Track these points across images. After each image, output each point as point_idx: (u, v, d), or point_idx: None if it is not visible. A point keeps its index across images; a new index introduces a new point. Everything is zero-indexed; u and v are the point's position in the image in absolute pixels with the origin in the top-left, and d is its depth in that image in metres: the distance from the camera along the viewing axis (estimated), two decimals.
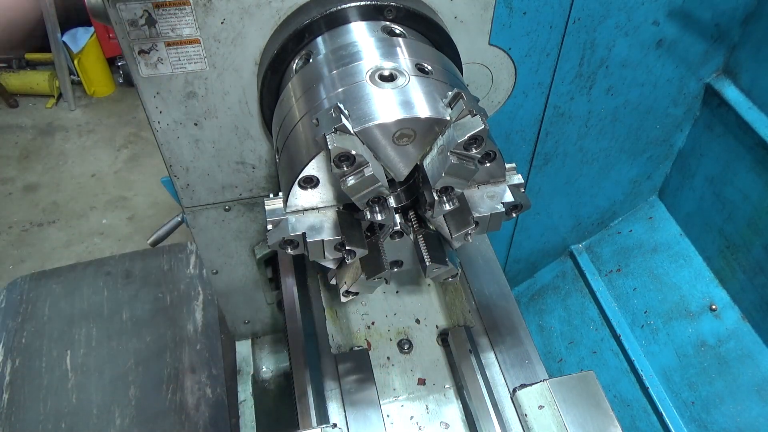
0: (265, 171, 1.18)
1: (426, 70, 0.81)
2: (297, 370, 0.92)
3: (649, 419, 1.52)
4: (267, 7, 0.94)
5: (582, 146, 1.47)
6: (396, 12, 0.95)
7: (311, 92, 0.83)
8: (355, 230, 0.79)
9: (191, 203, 1.20)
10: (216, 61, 0.99)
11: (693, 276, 1.58)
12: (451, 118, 0.72)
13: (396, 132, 0.72)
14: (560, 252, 1.87)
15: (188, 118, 1.05)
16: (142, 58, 0.96)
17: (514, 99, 1.25)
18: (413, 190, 0.85)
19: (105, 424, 1.24)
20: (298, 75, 0.90)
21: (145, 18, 0.91)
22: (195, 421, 1.25)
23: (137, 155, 3.63)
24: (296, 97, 0.87)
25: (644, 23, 1.21)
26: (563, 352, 1.75)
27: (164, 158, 1.11)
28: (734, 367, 1.43)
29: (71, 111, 3.93)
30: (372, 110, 0.72)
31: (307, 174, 0.75)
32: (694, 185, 1.58)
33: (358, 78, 0.78)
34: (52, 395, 1.28)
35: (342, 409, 0.86)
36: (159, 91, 1.01)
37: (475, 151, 0.71)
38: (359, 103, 0.74)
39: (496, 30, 1.08)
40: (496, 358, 0.92)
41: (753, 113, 1.35)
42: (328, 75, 0.83)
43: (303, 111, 0.83)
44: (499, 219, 0.81)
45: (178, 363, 1.33)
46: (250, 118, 1.08)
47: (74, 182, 3.46)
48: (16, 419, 1.24)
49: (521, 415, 0.83)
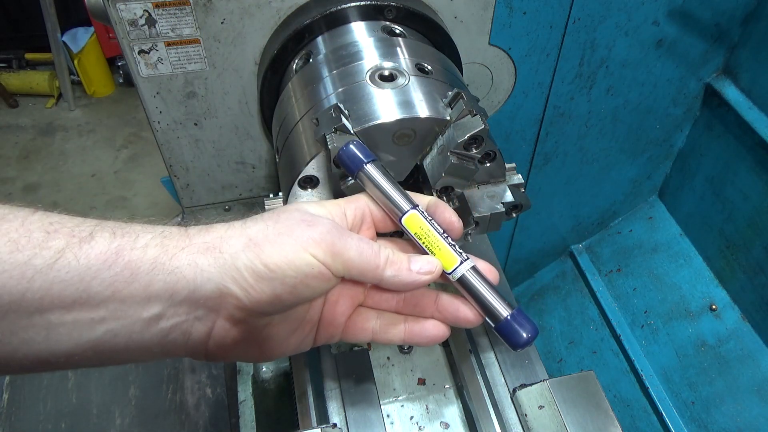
0: (265, 171, 1.18)
1: (426, 70, 0.81)
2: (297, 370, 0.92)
3: (649, 419, 1.52)
4: (267, 7, 0.94)
5: (582, 146, 1.47)
6: (396, 12, 0.95)
7: (311, 92, 0.83)
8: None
9: (191, 203, 1.20)
10: (216, 61, 0.99)
11: (693, 276, 1.58)
12: (451, 118, 0.72)
13: (396, 132, 0.72)
14: (560, 252, 1.87)
15: (188, 118, 1.05)
16: (142, 58, 0.96)
17: (514, 99, 1.25)
18: (413, 190, 0.85)
19: (105, 423, 1.24)
20: (298, 75, 0.90)
21: (145, 18, 0.91)
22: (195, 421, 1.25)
23: (137, 155, 3.63)
24: (296, 97, 0.87)
25: (644, 23, 1.21)
26: (563, 352, 1.75)
27: (164, 158, 1.11)
28: (734, 367, 1.42)
29: (71, 111, 3.93)
30: (372, 110, 0.72)
31: (307, 174, 0.75)
32: (694, 185, 1.58)
33: (358, 78, 0.78)
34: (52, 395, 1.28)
35: (342, 409, 0.86)
36: (159, 91, 1.01)
37: (475, 151, 0.71)
38: (359, 103, 0.74)
39: (496, 30, 1.08)
40: (496, 358, 0.92)
41: (753, 113, 1.35)
42: (328, 75, 0.83)
43: (303, 111, 0.83)
44: (499, 219, 0.81)
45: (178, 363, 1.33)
46: (250, 118, 1.08)
47: (74, 182, 3.46)
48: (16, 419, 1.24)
49: (521, 415, 0.83)
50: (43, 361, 0.49)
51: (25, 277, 0.45)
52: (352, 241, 0.57)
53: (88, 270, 0.48)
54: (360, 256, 0.56)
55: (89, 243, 0.49)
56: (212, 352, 0.56)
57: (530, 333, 0.59)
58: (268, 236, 0.54)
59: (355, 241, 0.57)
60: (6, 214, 0.48)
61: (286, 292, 0.54)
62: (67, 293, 0.47)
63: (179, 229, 0.54)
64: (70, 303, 0.47)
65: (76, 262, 0.47)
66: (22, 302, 0.46)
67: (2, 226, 0.47)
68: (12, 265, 0.45)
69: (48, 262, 0.46)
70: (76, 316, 0.48)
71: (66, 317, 0.48)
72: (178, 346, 0.54)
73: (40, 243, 0.47)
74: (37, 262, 0.46)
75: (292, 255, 0.53)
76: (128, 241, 0.51)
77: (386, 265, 0.58)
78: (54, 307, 0.47)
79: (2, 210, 0.48)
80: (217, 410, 1.27)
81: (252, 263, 0.52)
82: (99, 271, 0.48)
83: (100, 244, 0.49)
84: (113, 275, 0.49)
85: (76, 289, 0.47)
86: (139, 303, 0.50)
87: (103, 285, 0.48)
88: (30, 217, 0.48)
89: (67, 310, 0.48)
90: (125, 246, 0.50)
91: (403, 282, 0.59)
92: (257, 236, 0.54)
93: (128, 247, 0.50)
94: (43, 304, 0.47)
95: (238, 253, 0.53)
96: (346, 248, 0.56)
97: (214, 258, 0.52)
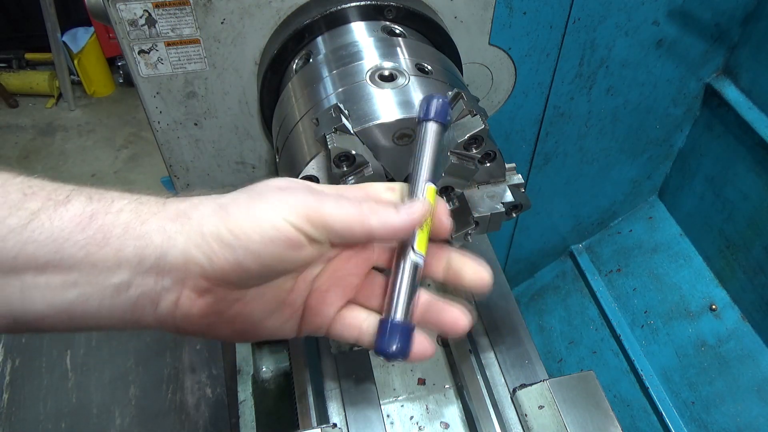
0: (265, 171, 1.18)
1: (426, 70, 0.81)
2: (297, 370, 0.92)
3: (649, 419, 1.52)
4: (267, 7, 0.94)
5: (582, 146, 1.47)
6: (396, 12, 0.95)
7: (311, 92, 0.83)
8: None
9: None
10: (216, 61, 0.99)
11: (693, 276, 1.58)
12: (451, 118, 0.72)
13: (396, 132, 0.72)
14: (560, 252, 1.87)
15: (188, 118, 1.05)
16: (142, 58, 0.96)
17: (514, 99, 1.25)
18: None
19: (105, 423, 1.23)
20: (298, 75, 0.90)
21: (145, 18, 0.91)
22: (195, 421, 1.24)
23: (137, 155, 3.63)
24: (296, 97, 0.87)
25: (644, 23, 1.21)
26: (563, 352, 1.75)
27: (164, 158, 1.11)
28: (734, 367, 1.42)
29: (71, 111, 3.93)
30: (372, 110, 0.72)
31: (307, 174, 0.75)
32: (694, 185, 1.58)
33: (358, 78, 0.78)
34: (52, 395, 1.27)
35: (342, 409, 0.86)
36: (159, 91, 1.01)
37: (475, 151, 0.71)
38: (359, 103, 0.74)
39: (496, 30, 1.08)
40: (496, 358, 0.92)
41: (753, 113, 1.35)
42: (328, 75, 0.83)
43: (303, 111, 0.83)
44: (499, 219, 0.81)
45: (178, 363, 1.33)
46: (250, 118, 1.08)
47: (74, 182, 3.43)
48: (16, 419, 1.24)
49: (521, 415, 0.83)
50: (19, 321, 0.50)
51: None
52: (330, 198, 0.54)
53: (62, 232, 0.48)
54: (340, 209, 0.54)
55: (65, 206, 0.49)
56: (180, 324, 0.55)
57: (393, 350, 0.58)
58: (238, 202, 0.53)
59: (333, 199, 0.55)
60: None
61: (251, 260, 0.52)
62: (40, 254, 0.47)
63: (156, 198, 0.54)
64: (43, 264, 0.48)
65: (50, 223, 0.48)
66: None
67: None
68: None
69: (22, 222, 0.47)
70: (49, 278, 0.48)
71: (39, 279, 0.48)
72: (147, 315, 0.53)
73: (16, 204, 0.47)
74: (11, 221, 0.47)
75: (260, 218, 0.51)
76: (103, 206, 0.51)
77: (371, 214, 0.55)
78: (28, 268, 0.48)
79: None
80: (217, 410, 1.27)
81: (217, 228, 0.51)
82: (72, 234, 0.48)
83: (75, 207, 0.50)
84: (86, 238, 0.49)
85: (49, 250, 0.48)
86: (110, 268, 0.50)
87: (75, 247, 0.48)
88: (11, 180, 0.49)
89: (41, 271, 0.48)
90: (100, 210, 0.50)
91: (393, 226, 0.55)
92: (227, 202, 0.53)
93: (102, 212, 0.50)
94: (17, 264, 0.47)
95: (205, 219, 0.52)
96: (323, 207, 0.53)
97: (181, 224, 0.51)
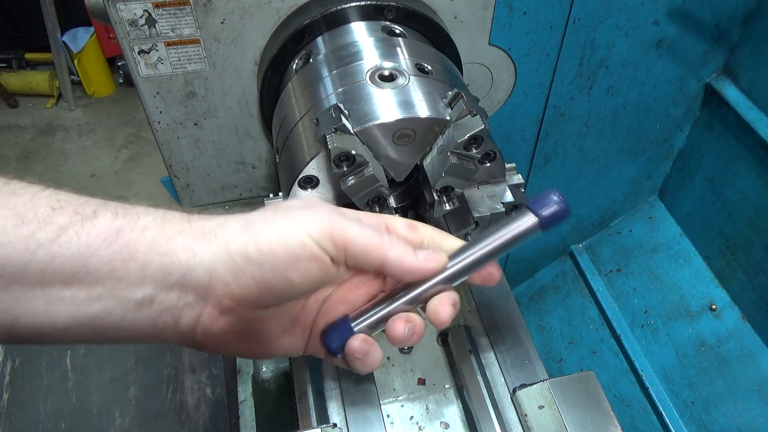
0: (265, 171, 1.18)
1: (426, 70, 0.81)
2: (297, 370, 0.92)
3: (649, 419, 1.52)
4: (267, 7, 0.94)
5: (582, 146, 1.47)
6: (396, 12, 0.95)
7: (311, 92, 0.83)
8: None
9: (191, 203, 1.20)
10: (216, 61, 0.99)
11: (693, 276, 1.58)
12: (451, 118, 0.72)
13: (396, 132, 0.72)
14: (560, 252, 1.87)
15: (188, 118, 1.05)
16: (142, 58, 0.96)
17: (514, 99, 1.25)
18: (413, 190, 0.85)
19: (105, 423, 1.23)
20: (298, 75, 0.90)
21: (145, 18, 0.91)
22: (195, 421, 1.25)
23: (137, 155, 3.63)
24: (296, 97, 0.87)
25: (644, 23, 1.21)
26: (563, 352, 1.75)
27: (164, 158, 1.11)
28: (734, 367, 1.42)
29: (71, 111, 3.92)
30: (372, 110, 0.72)
31: (307, 174, 0.75)
32: (694, 185, 1.58)
33: (358, 78, 0.78)
34: (52, 395, 1.27)
35: (342, 409, 0.86)
36: (159, 91, 1.01)
37: (475, 151, 0.71)
38: (359, 103, 0.74)
39: (496, 30, 1.08)
40: (496, 358, 0.92)
41: (753, 113, 1.35)
42: (328, 75, 0.83)
43: (303, 111, 0.83)
44: (499, 219, 0.81)
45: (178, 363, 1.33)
46: (250, 118, 1.08)
47: (74, 182, 3.45)
48: (16, 419, 1.24)
49: (521, 415, 0.83)
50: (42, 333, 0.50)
51: (28, 249, 0.47)
52: (354, 222, 0.57)
53: (88, 247, 0.49)
54: (362, 234, 0.56)
55: (91, 221, 0.50)
56: (200, 341, 0.56)
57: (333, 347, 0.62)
58: (265, 218, 0.55)
59: (357, 223, 0.57)
60: (17, 189, 0.50)
61: (276, 277, 0.53)
62: (67, 268, 0.48)
63: (181, 214, 0.55)
64: (70, 278, 0.49)
65: (77, 239, 0.49)
66: (25, 274, 0.47)
67: (11, 200, 0.49)
68: (17, 238, 0.47)
69: (51, 236, 0.48)
70: (75, 291, 0.49)
71: (65, 292, 0.49)
72: (168, 330, 0.54)
73: (45, 218, 0.48)
74: (40, 236, 0.48)
75: (286, 234, 0.53)
76: (129, 222, 0.51)
77: (391, 247, 0.57)
78: (55, 281, 0.48)
79: (15, 185, 0.51)
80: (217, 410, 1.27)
81: (245, 245, 0.52)
82: (98, 249, 0.49)
83: (102, 222, 0.50)
84: (112, 253, 0.50)
85: (76, 264, 0.49)
86: (134, 283, 0.51)
87: (101, 262, 0.49)
88: (39, 193, 0.50)
89: (67, 285, 0.49)
90: (126, 226, 0.51)
91: (406, 267, 0.58)
92: (254, 219, 0.55)
93: (128, 228, 0.51)
94: (44, 278, 0.48)
95: (233, 237, 0.53)
96: (347, 227, 0.55)
97: (208, 242, 0.53)
